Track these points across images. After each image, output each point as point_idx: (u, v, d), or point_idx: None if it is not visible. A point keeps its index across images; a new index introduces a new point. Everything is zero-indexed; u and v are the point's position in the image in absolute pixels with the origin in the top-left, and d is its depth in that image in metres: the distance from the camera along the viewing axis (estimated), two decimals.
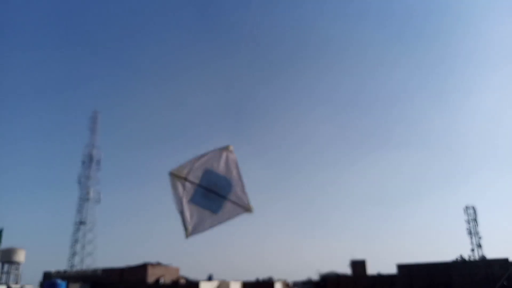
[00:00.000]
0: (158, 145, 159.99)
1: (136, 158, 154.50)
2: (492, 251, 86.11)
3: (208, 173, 7.27)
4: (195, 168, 7.24)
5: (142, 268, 55.10)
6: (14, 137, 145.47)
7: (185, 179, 7.21)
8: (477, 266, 52.93)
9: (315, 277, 79.43)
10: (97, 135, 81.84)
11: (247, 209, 7.38)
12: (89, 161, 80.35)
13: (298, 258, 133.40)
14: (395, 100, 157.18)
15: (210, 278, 56.87)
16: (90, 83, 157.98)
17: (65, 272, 65.10)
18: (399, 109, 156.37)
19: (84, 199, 78.86)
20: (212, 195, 7.25)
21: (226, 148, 7.44)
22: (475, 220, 67.24)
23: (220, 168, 7.33)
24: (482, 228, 62.88)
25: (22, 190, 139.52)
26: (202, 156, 7.31)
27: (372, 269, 57.52)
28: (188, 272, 70.50)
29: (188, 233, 7.27)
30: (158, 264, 56.96)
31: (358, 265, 57.06)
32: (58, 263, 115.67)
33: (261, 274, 76.40)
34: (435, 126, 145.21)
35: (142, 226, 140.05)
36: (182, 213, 7.20)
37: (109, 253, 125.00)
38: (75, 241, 77.93)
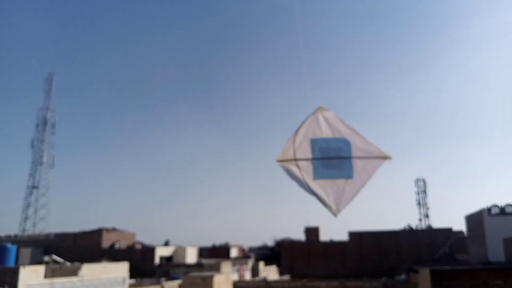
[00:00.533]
0: (116, 111, 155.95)
1: (92, 123, 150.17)
2: (437, 221, 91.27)
3: (316, 143, 6.46)
4: (299, 144, 6.46)
5: (97, 233, 54.58)
6: None
7: (295, 159, 6.43)
8: (423, 234, 56.04)
9: (270, 243, 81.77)
10: (52, 98, 78.69)
11: (382, 157, 6.44)
12: (43, 124, 77.39)
13: (254, 224, 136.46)
14: (354, 73, 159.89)
15: (166, 244, 57.18)
16: (46, 44, 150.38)
17: (15, 236, 63.42)
18: (358, 82, 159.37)
19: (37, 163, 76.25)
20: (334, 161, 6.42)
21: (319, 110, 6.58)
22: (424, 192, 70.73)
23: (325, 131, 6.50)
24: (430, 200, 66.36)
25: None
26: (299, 129, 6.48)
27: (325, 236, 59.74)
28: (144, 237, 70.61)
29: (335, 210, 6.35)
30: (113, 229, 56.56)
31: (312, 232, 59.05)
32: (9, 228, 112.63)
33: (218, 240, 77.91)
34: (393, 100, 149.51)
35: (97, 191, 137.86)
36: (315, 194, 6.38)
37: (63, 218, 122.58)
38: (27, 205, 75.61)
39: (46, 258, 38.67)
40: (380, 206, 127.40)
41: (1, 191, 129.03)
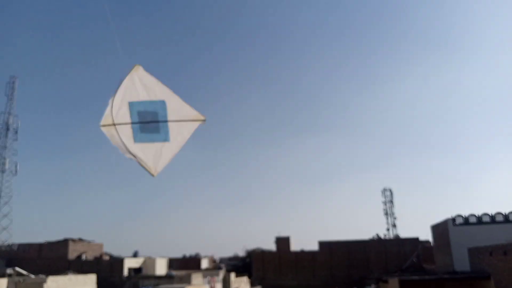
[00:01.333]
0: (81, 117, 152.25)
1: (56, 129, 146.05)
2: (405, 231, 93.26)
3: (134, 106, 6.34)
4: (118, 109, 6.29)
5: (63, 244, 52.99)
6: None
7: (115, 124, 6.32)
8: (391, 244, 57.14)
9: (241, 253, 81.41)
10: (15, 102, 76.28)
11: (196, 119, 6.39)
12: (5, 129, 74.79)
13: (225, 234, 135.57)
14: (322, 86, 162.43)
15: (135, 255, 56.10)
16: (6, 47, 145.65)
17: None
18: (325, 94, 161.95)
19: None
20: (151, 125, 6.40)
21: (134, 70, 6.27)
22: (391, 201, 72.27)
23: (141, 94, 6.31)
24: (397, 209, 67.88)
25: None
26: (116, 93, 6.23)
27: (295, 246, 60.07)
28: (112, 248, 69.11)
29: (153, 171, 6.49)
30: (80, 240, 55.05)
31: (283, 242, 59.22)
32: None
33: (188, 251, 76.88)
34: (358, 112, 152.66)
35: (63, 199, 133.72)
36: (134, 156, 6.44)
37: (26, 228, 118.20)
38: None
39: (9, 270, 37.18)
40: (349, 216, 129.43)
41: None
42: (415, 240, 56.13)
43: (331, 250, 56.43)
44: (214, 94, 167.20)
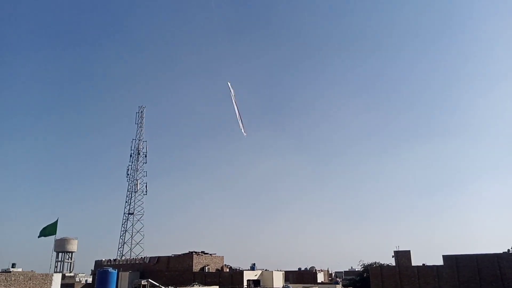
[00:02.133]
0: (199, 140, 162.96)
1: (180, 151, 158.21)
2: None
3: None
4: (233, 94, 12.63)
5: (188, 257, 56.89)
6: (73, 133, 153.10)
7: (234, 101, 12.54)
8: None
9: (356, 267, 78.98)
10: (143, 129, 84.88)
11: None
12: (136, 154, 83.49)
13: (340, 249, 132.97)
14: (434, 87, 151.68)
15: (253, 267, 57.88)
16: (135, 80, 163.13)
17: (115, 260, 68.21)
18: (438, 96, 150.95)
19: (132, 190, 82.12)
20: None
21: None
22: None
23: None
24: None
25: (75, 183, 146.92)
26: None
27: (417, 260, 56.43)
28: (232, 261, 72.16)
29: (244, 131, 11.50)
30: (203, 253, 58.59)
31: (403, 256, 56.04)
32: (109, 252, 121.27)
33: (303, 264, 76.98)
34: (475, 112, 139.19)
35: (187, 216, 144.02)
36: (240, 120, 12.13)
37: (156, 242, 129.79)
38: (125, 231, 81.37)
39: (144, 282, 41.17)
40: (476, 227, 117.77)
41: (101, 218, 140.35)
42: None
43: (458, 264, 51.88)
44: (323, 104, 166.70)
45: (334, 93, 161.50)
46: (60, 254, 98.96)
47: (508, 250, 55.16)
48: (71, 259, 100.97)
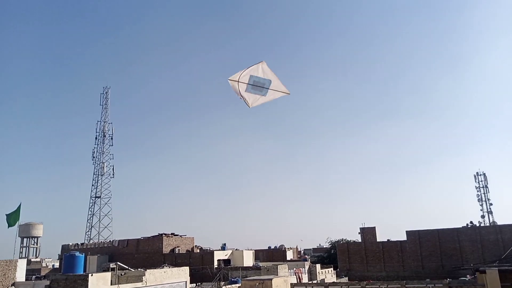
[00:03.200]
0: (168, 120, 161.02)
1: (147, 132, 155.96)
2: (502, 217, 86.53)
3: (252, 77, 11.03)
4: (243, 75, 10.93)
5: (158, 239, 56.67)
6: (33, 117, 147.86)
7: (238, 81, 10.89)
8: (487, 231, 53.26)
9: (325, 244, 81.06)
10: (109, 111, 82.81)
11: (284, 92, 11.36)
12: (102, 136, 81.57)
13: (308, 226, 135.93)
14: (405, 69, 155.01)
15: (223, 248, 58.33)
16: (100, 59, 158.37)
17: (82, 244, 67.21)
18: (409, 78, 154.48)
19: (98, 174, 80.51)
20: (258, 88, 11.13)
21: (261, 63, 11.13)
22: (486, 186, 67.40)
23: (259, 73, 11.08)
24: (492, 195, 63.24)
25: (39, 167, 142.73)
26: (247, 69, 10.98)
27: (382, 236, 58.42)
28: (202, 242, 72.44)
29: (250, 104, 11.17)
30: (173, 235, 58.48)
31: (368, 232, 57.93)
32: (76, 237, 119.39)
33: (273, 243, 78.31)
34: (443, 95, 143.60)
35: (155, 198, 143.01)
36: (242, 97, 11.01)
37: (125, 225, 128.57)
38: (92, 215, 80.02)
39: (112, 265, 40.69)
40: (439, 203, 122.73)
41: (67, 203, 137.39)
42: None
43: (420, 239, 54.09)
44: (286, 82, 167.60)
45: (305, 77, 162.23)
46: (25, 239, 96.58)
47: (467, 224, 57.82)
48: (37, 244, 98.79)
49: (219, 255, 53.24)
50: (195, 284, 37.80)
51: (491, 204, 66.25)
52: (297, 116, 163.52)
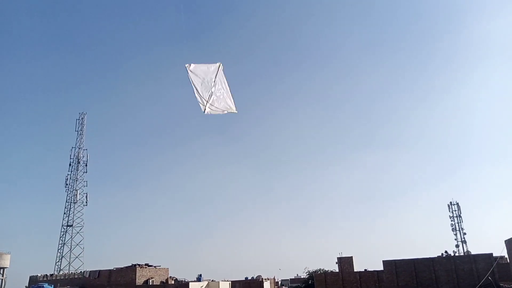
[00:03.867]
0: (144, 149, 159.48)
1: (122, 160, 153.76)
2: (476, 247, 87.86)
3: (206, 76, 10.76)
4: (199, 69, 10.77)
5: (131, 270, 55.07)
6: (6, 138, 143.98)
7: (192, 72, 10.83)
8: (462, 261, 53.81)
9: (303, 275, 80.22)
10: (84, 137, 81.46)
11: (232, 109, 11.12)
12: (76, 163, 79.86)
13: (286, 257, 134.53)
14: (381, 99, 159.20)
15: (199, 279, 57.07)
16: (77, 86, 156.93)
17: (52, 275, 64.65)
18: (383, 110, 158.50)
19: (71, 201, 78.33)
20: (208, 90, 10.69)
21: (219, 64, 10.88)
22: (459, 216, 68.57)
23: (212, 75, 10.73)
24: (466, 224, 64.33)
25: (7, 191, 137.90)
26: (204, 64, 10.76)
27: (359, 266, 58.28)
28: (177, 273, 70.63)
29: (204, 108, 10.98)
30: (147, 265, 56.96)
31: (345, 262, 57.71)
32: (45, 267, 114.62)
33: (250, 274, 77.05)
34: (416, 126, 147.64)
35: (130, 227, 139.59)
36: (197, 93, 10.79)
37: (97, 255, 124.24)
38: (63, 244, 77.32)
39: None
40: (414, 233, 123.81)
41: (37, 230, 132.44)
42: (489, 256, 52.50)
43: (397, 269, 54.15)
44: (264, 111, 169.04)
45: (286, 107, 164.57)
46: None
47: (442, 254, 58.38)
48: (3, 276, 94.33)
49: (194, 287, 52.01)
50: None
51: (464, 234, 67.32)
52: (276, 145, 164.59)
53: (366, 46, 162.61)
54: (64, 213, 77.98)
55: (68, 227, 77.39)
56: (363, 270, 57.70)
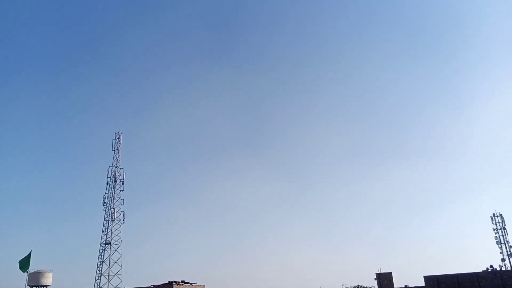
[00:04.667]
0: (178, 165, 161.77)
1: (157, 178, 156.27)
2: None
3: None
4: None
5: (168, 287, 55.46)
6: (43, 161, 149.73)
7: None
8: (508, 276, 51.30)
9: None
10: (120, 156, 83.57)
11: None
12: (113, 182, 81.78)
13: (322, 273, 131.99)
14: (409, 109, 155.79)
15: None
16: (112, 105, 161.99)
17: None
18: (414, 118, 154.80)
19: (109, 219, 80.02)
20: None
21: None
22: (503, 228, 65.51)
23: None
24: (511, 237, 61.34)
25: (49, 211, 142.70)
26: None
27: (398, 282, 56.52)
28: None
29: None
30: (184, 282, 57.24)
31: (385, 278, 56.07)
32: (85, 285, 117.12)
33: None
34: (451, 133, 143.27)
35: (166, 243, 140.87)
36: None
37: (135, 273, 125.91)
38: (102, 262, 78.86)
39: None
40: (456, 246, 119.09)
41: (77, 250, 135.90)
42: None
43: (439, 285, 52.15)
44: (300, 129, 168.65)
45: (311, 118, 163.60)
46: None
47: (487, 268, 55.82)
48: None
49: None
50: None
51: (510, 247, 64.15)
52: (307, 159, 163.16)
53: (394, 55, 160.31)
54: (103, 231, 79.67)
55: (106, 245, 78.93)
56: (404, 286, 55.94)
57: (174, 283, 55.78)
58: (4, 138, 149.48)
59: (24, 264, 47.90)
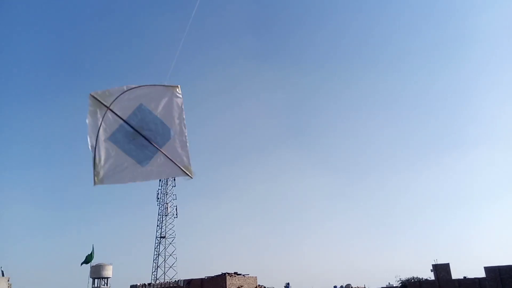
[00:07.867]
0: (226, 161, 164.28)
1: (205, 170, 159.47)
2: None
3: (142, 111, 5.29)
4: (126, 99, 5.23)
5: (221, 278, 56.54)
6: None
7: (108, 108, 5.17)
8: None
9: (394, 283, 76.65)
10: None
11: (185, 170, 5.45)
12: (165, 178, 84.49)
13: (376, 264, 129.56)
14: (465, 98, 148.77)
15: (287, 287, 57.10)
16: None
17: (149, 284, 68.49)
18: (470, 108, 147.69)
19: (163, 214, 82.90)
20: (141, 139, 5.27)
21: (173, 87, 5.43)
22: None
23: (160, 109, 5.37)
24: None
25: (108, 208, 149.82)
26: (139, 87, 5.29)
27: (457, 273, 54.42)
28: (265, 281, 71.17)
29: (97, 180, 5.13)
30: (236, 274, 58.19)
31: (442, 269, 54.17)
32: (143, 277, 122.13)
33: (338, 282, 75.23)
34: (509, 122, 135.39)
35: (219, 236, 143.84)
36: (94, 149, 5.12)
37: (189, 265, 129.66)
38: (157, 255, 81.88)
39: None
40: None
41: (134, 244, 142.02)
42: None
43: (501, 276, 49.74)
44: (346, 122, 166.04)
45: (356, 111, 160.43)
46: (96, 280, 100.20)
47: None
48: (107, 285, 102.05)
49: None
50: None
51: None
52: (352, 150, 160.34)
53: (444, 41, 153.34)
54: (157, 226, 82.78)
55: (161, 239, 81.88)
56: (462, 277, 53.80)
57: (227, 274, 56.80)
58: (59, 142, 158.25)
59: (89, 258, 50.89)
